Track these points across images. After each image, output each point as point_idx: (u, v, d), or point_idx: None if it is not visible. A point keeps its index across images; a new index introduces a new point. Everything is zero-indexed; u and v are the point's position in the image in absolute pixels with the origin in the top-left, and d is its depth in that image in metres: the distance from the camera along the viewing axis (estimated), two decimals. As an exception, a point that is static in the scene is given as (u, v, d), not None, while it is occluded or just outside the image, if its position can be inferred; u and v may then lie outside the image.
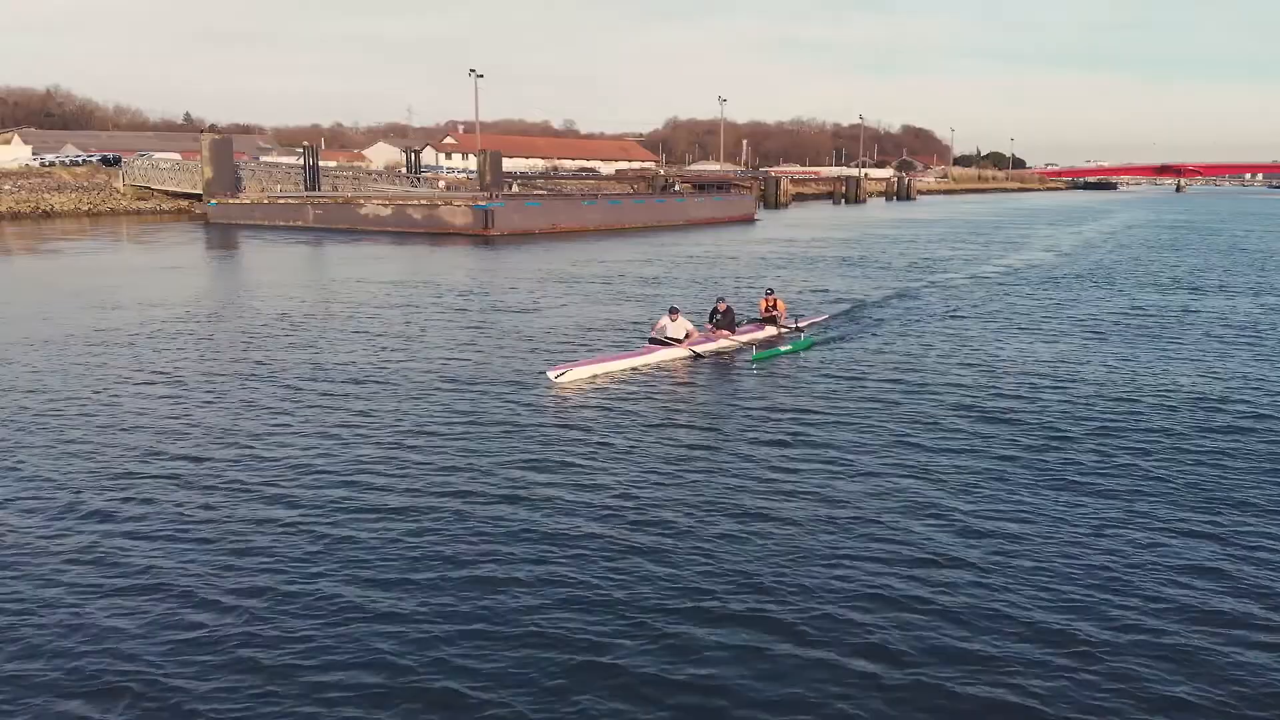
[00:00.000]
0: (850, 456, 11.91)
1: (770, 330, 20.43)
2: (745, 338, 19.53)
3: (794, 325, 20.87)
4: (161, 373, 16.45)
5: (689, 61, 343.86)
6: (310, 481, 10.81)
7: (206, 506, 10.06)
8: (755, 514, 9.91)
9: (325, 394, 15.00)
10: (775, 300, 21.27)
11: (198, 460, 11.57)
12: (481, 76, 75.15)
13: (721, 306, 19.65)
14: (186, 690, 6.66)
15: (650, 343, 18.20)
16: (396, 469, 11.24)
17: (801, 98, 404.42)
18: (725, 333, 19.30)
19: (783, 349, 18.94)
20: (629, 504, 10.17)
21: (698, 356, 18.02)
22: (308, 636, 7.36)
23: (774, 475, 11.17)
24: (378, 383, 15.77)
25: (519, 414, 13.75)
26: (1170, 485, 10.97)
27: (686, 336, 18.20)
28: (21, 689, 6.70)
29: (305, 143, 65.30)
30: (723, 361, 18.18)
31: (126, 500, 10.23)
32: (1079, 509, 10.17)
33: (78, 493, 10.45)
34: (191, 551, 8.94)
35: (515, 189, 63.02)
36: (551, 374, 15.70)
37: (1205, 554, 9.05)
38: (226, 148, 59.95)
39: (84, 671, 6.90)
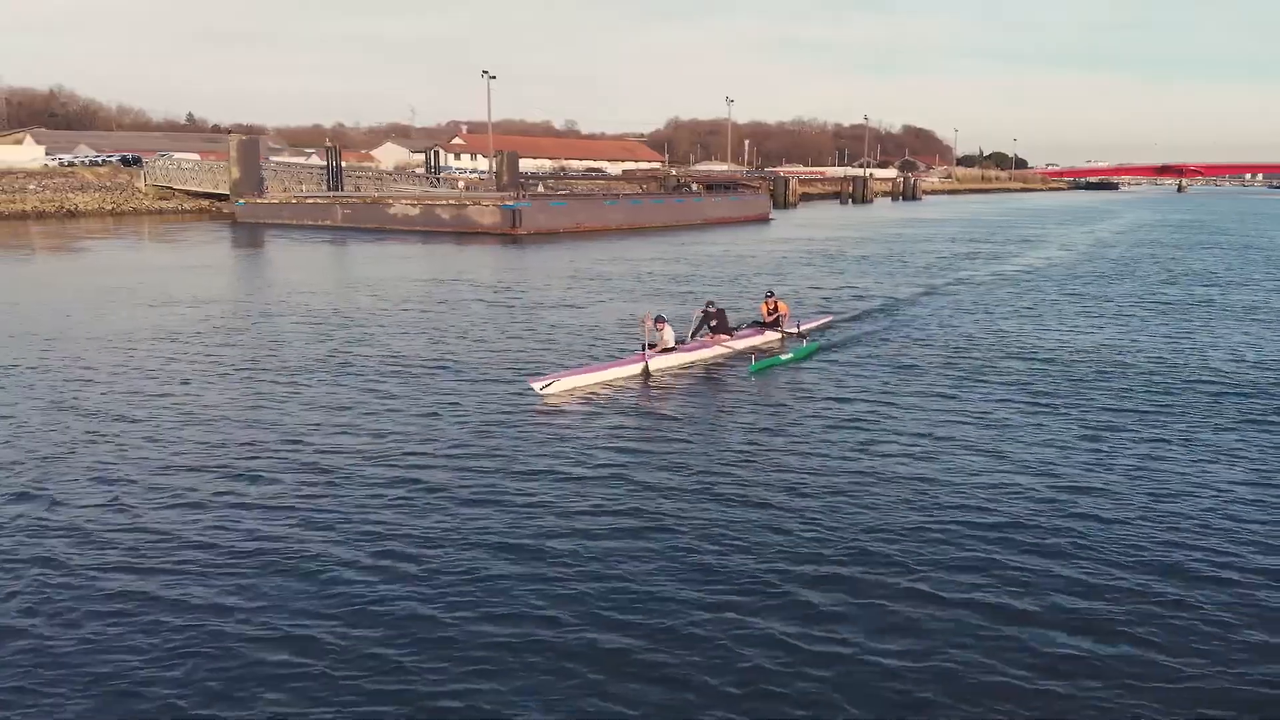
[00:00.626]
0: (854, 469, 11.38)
1: (771, 335, 19.36)
2: (743, 343, 18.50)
3: (795, 330, 19.69)
4: (238, 367, 17.15)
5: (689, 61, 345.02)
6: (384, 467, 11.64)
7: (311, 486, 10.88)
8: (755, 529, 9.45)
9: (404, 382, 15.82)
10: (777, 303, 20.06)
11: (296, 444, 12.39)
12: (494, 78, 76.03)
13: (712, 310, 18.39)
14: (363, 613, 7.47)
15: (643, 349, 16.97)
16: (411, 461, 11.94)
17: (802, 98, 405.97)
18: (723, 337, 18.17)
19: (783, 357, 17.70)
20: (611, 525, 9.53)
21: (647, 371, 16.34)
22: (461, 586, 8.18)
23: (771, 492, 10.52)
24: (450, 372, 16.62)
25: (498, 429, 13.00)
26: (1235, 454, 11.84)
27: (678, 344, 17.20)
28: (213, 639, 7.47)
29: (328, 143, 66.14)
30: (718, 371, 16.91)
31: (252, 474, 11.06)
32: (1150, 480, 11.02)
33: (207, 473, 11.27)
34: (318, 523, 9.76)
35: (541, 189, 63.82)
36: (535, 385, 14.85)
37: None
38: (254, 149, 60.80)
39: (266, 625, 7.65)
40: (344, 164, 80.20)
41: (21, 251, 41.65)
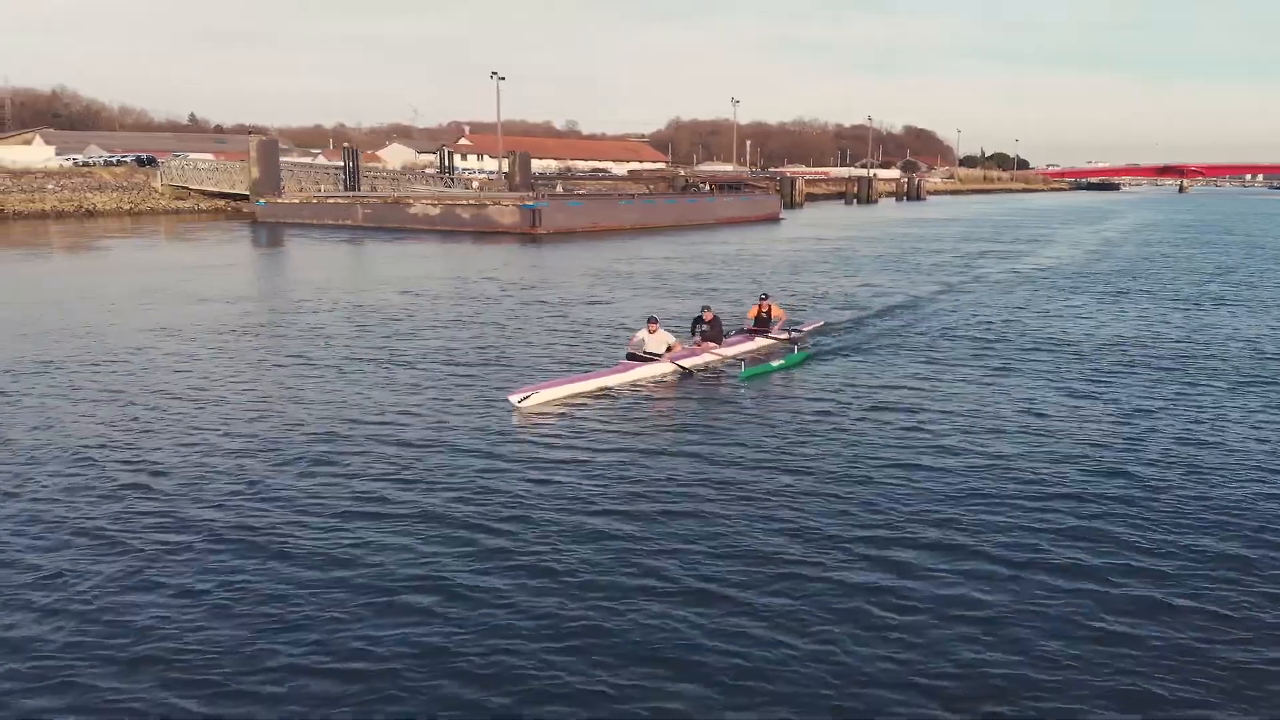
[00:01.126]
0: (852, 488, 10.77)
1: (762, 342, 18.76)
2: (733, 350, 17.88)
3: (787, 336, 19.08)
4: (291, 357, 17.83)
5: (689, 61, 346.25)
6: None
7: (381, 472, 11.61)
8: (754, 555, 8.88)
9: (455, 373, 16.58)
10: (770, 306, 19.31)
11: (361, 423, 13.13)
12: (504, 79, 76.92)
13: (708, 316, 17.84)
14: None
15: (628, 359, 16.32)
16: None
17: (802, 98, 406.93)
18: (711, 345, 17.59)
19: (775, 364, 17.07)
20: (594, 552, 8.90)
21: (687, 373, 16.34)
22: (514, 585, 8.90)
23: (769, 512, 9.93)
24: (501, 366, 17.38)
25: (474, 444, 12.23)
26: (1268, 435, 12.60)
27: (668, 350, 16.47)
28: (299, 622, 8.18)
29: (345, 145, 66.91)
30: (708, 379, 16.44)
31: (329, 453, 11.78)
32: (1190, 455, 11.78)
33: (291, 449, 11.99)
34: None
35: (560, 189, 64.66)
36: (513, 398, 13.99)
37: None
38: (273, 149, 61.59)
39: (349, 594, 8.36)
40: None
41: (50, 251, 42.36)
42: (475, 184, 69.13)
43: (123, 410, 13.86)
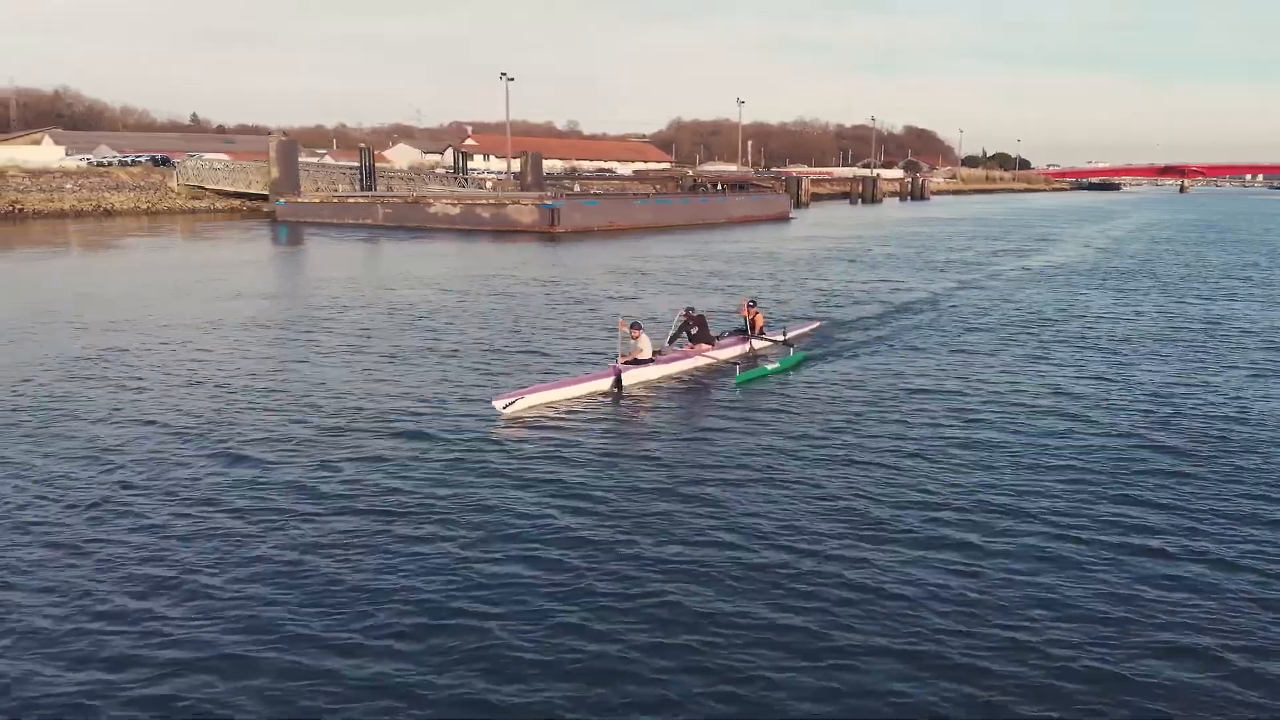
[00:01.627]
0: (855, 493, 10.52)
1: (756, 344, 18.45)
2: (726, 353, 17.53)
3: (782, 338, 18.80)
4: (337, 349, 18.56)
5: (689, 62, 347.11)
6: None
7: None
8: (759, 568, 8.71)
9: (497, 364, 17.33)
10: (756, 314, 18.88)
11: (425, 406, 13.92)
12: (512, 79, 77.38)
13: (693, 315, 17.49)
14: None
15: (619, 360, 16.01)
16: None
17: (802, 98, 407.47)
18: (705, 347, 17.22)
19: (770, 367, 16.75)
20: (581, 567, 8.69)
21: (619, 383, 15.20)
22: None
23: (768, 522, 9.69)
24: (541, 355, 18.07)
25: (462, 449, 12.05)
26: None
27: (656, 354, 16.32)
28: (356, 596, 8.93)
29: (362, 145, 67.74)
30: (701, 384, 15.98)
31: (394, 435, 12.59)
32: (1224, 437, 12.56)
33: (348, 435, 12.78)
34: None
35: (577, 189, 65.51)
36: (497, 404, 13.66)
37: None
38: (293, 150, 62.34)
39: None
40: (353, 164, 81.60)
41: (77, 249, 42.99)
42: (489, 184, 69.99)
43: (198, 394, 14.68)
